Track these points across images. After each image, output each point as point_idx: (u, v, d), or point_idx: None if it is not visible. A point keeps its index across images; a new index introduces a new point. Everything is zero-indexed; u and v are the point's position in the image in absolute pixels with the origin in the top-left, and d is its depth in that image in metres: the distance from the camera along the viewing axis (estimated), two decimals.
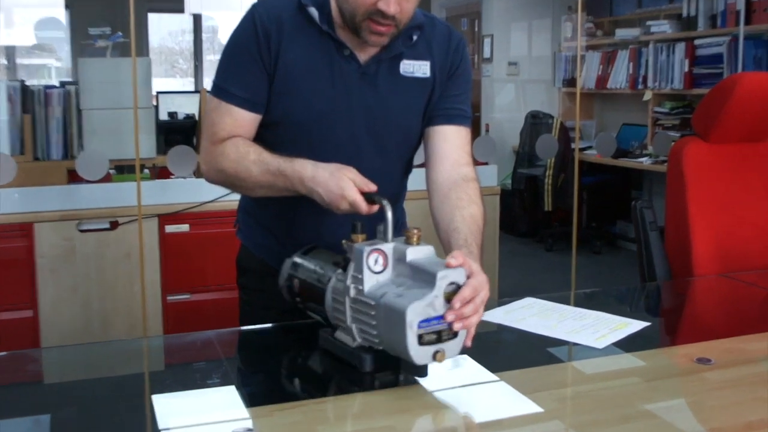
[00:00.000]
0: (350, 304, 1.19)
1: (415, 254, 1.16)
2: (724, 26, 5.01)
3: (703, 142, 2.19)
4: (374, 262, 1.16)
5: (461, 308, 1.11)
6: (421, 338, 1.10)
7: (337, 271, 1.25)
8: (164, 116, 4.52)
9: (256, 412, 1.11)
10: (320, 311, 1.29)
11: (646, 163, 5.37)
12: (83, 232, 2.85)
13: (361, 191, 1.26)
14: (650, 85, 5.55)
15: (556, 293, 1.70)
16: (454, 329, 1.12)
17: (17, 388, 1.26)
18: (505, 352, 1.46)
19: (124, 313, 2.94)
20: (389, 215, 1.21)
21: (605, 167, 5.79)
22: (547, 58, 6.64)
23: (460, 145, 1.48)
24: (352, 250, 1.20)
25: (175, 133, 4.04)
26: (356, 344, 1.21)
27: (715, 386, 1.22)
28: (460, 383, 1.22)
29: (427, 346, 1.11)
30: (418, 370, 1.16)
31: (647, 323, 1.51)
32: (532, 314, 1.55)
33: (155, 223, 2.97)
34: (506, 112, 6.72)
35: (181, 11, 5.04)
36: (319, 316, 1.31)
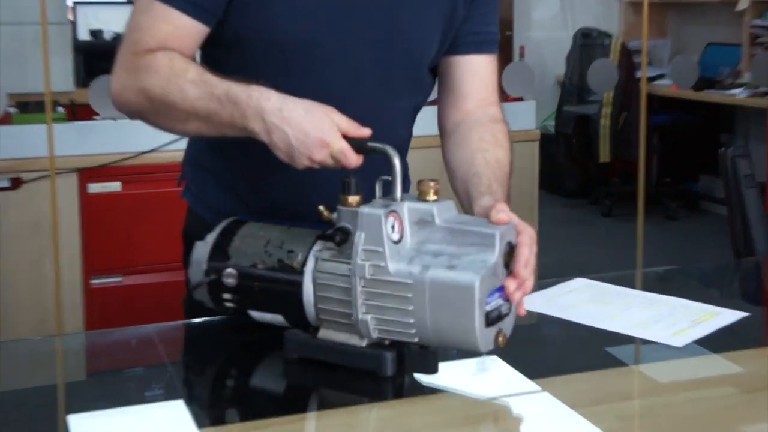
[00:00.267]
0: (364, 288, 1.19)
1: (442, 213, 1.20)
2: None
3: None
4: (391, 228, 1.18)
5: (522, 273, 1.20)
6: (487, 317, 1.15)
7: (314, 249, 1.23)
8: (84, 35, 4.49)
9: None
10: (284, 310, 1.27)
11: (740, 96, 5.36)
12: None
13: (345, 136, 1.25)
14: None
15: (616, 272, 1.71)
16: (514, 299, 1.20)
17: None
18: (548, 352, 1.46)
19: (29, 302, 2.94)
20: (397, 163, 1.21)
21: (683, 103, 5.77)
22: None
23: (489, 79, 1.53)
24: (354, 216, 1.19)
25: (99, 58, 3.99)
26: (366, 342, 1.22)
27: None
28: (487, 394, 1.22)
29: (490, 327, 1.16)
30: (427, 365, 1.19)
31: (744, 314, 1.50)
32: (583, 301, 1.55)
33: (74, 180, 2.95)
34: (547, 29, 6.68)
35: None
36: (275, 319, 1.29)
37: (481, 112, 1.50)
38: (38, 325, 2.93)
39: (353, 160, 1.25)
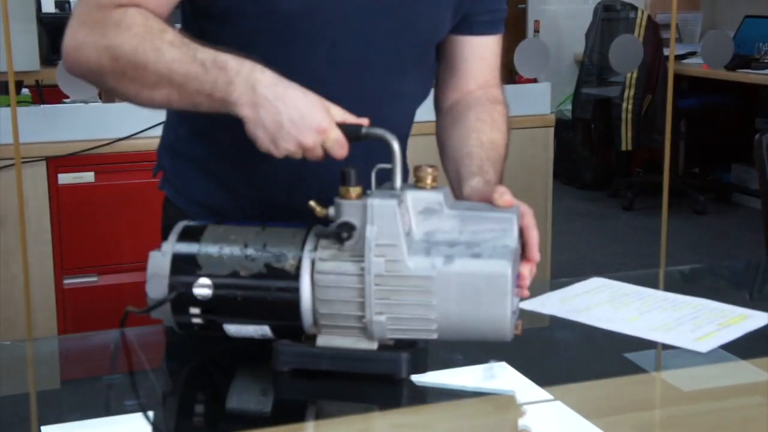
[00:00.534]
0: (378, 287, 1.20)
1: (447, 200, 1.24)
2: None
3: None
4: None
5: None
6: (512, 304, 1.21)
7: (306, 248, 1.22)
8: (49, 7, 4.47)
9: None
10: (273, 320, 1.24)
11: None
12: None
13: (340, 124, 1.25)
14: None
15: (637, 271, 1.71)
16: (526, 284, 1.28)
17: None
18: (560, 357, 1.46)
19: None
20: (396, 150, 1.23)
21: (716, 84, 5.75)
22: None
23: (493, 60, 1.58)
24: (360, 209, 1.19)
25: None
26: (376, 345, 1.23)
27: None
28: (495, 402, 1.23)
29: (513, 314, 1.21)
30: (417, 364, 1.24)
31: None
32: (601, 302, 1.56)
33: (42, 170, 2.95)
34: (565, 2, 6.67)
35: None
36: (257, 332, 1.26)
37: (481, 92, 1.54)
38: (6, 328, 2.92)
39: (344, 153, 1.25)
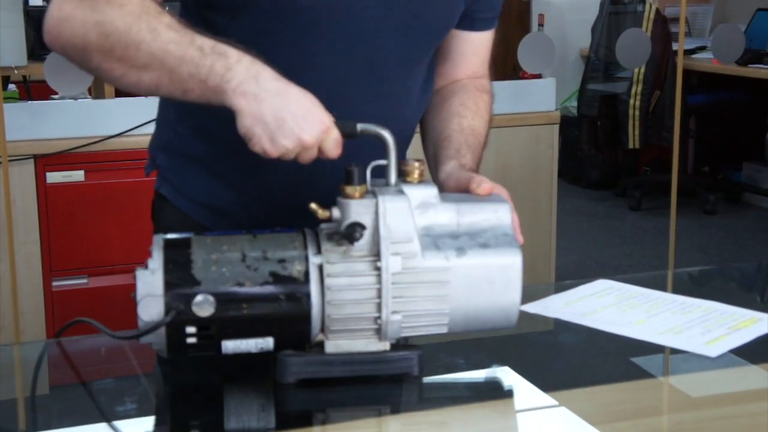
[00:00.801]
0: (394, 284, 1.21)
1: (442, 194, 1.28)
2: None
3: None
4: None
5: None
6: None
7: (309, 252, 1.22)
8: (37, 0, 4.47)
9: None
10: (278, 330, 1.23)
11: None
12: None
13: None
14: None
15: (645, 273, 1.71)
16: None
17: None
18: (565, 362, 1.47)
19: None
20: (392, 147, 1.25)
21: (726, 80, 5.76)
22: None
23: (486, 54, 1.65)
24: (370, 207, 1.20)
25: None
26: (389, 345, 1.25)
27: None
28: (498, 408, 1.23)
29: None
30: (409, 365, 1.25)
31: None
32: (607, 305, 1.56)
33: (30, 168, 2.96)
34: None
35: None
36: (258, 345, 1.24)
37: (469, 80, 1.61)
38: None
39: (339, 153, 1.27)
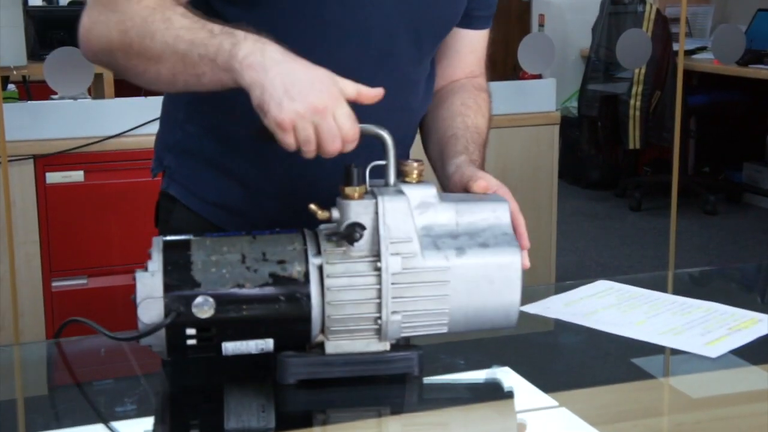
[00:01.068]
0: (394, 285, 1.22)
1: (439, 193, 1.29)
2: None
3: None
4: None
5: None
6: None
7: (309, 253, 1.22)
8: (37, 0, 4.48)
9: None
10: (278, 332, 1.24)
11: None
12: None
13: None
14: None
15: (645, 274, 1.71)
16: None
17: None
18: (565, 363, 1.47)
19: None
20: (391, 147, 1.26)
21: (726, 80, 5.76)
22: None
23: (482, 53, 1.68)
24: (370, 208, 1.21)
25: (55, 27, 4.00)
26: (389, 346, 1.25)
27: None
28: (498, 409, 1.23)
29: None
30: (410, 364, 1.25)
31: None
32: (607, 305, 1.56)
33: (29, 168, 2.96)
34: None
35: None
36: (259, 346, 1.25)
37: (467, 80, 1.64)
38: None
39: (355, 130, 1.22)
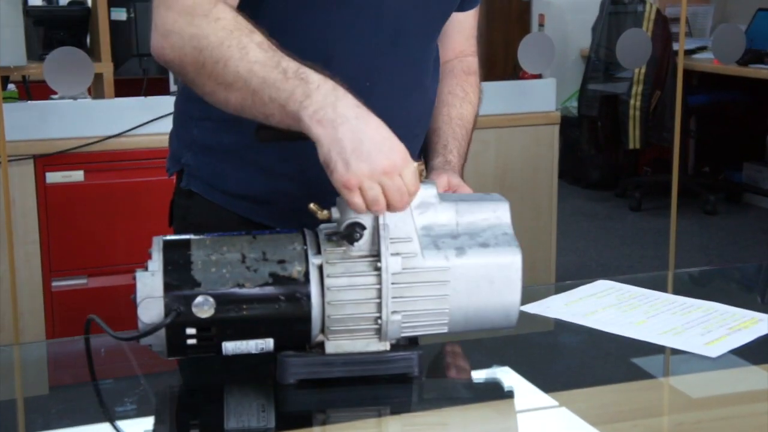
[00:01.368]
0: (394, 284, 1.22)
1: (441, 194, 1.31)
2: None
3: None
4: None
5: None
6: None
7: (309, 252, 1.23)
8: (36, 0, 4.48)
9: None
10: (278, 331, 1.25)
11: None
12: None
13: None
14: None
15: (645, 274, 1.71)
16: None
17: None
18: (565, 362, 1.47)
19: None
20: None
21: (726, 80, 5.75)
22: None
23: (472, 32, 1.72)
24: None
25: (55, 27, 4.00)
26: (389, 346, 1.26)
27: None
28: (498, 409, 1.23)
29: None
30: (410, 365, 1.26)
31: None
32: (607, 305, 1.56)
33: (29, 168, 2.95)
34: None
35: None
36: (259, 346, 1.25)
37: (457, 61, 1.68)
38: None
39: (415, 189, 1.24)
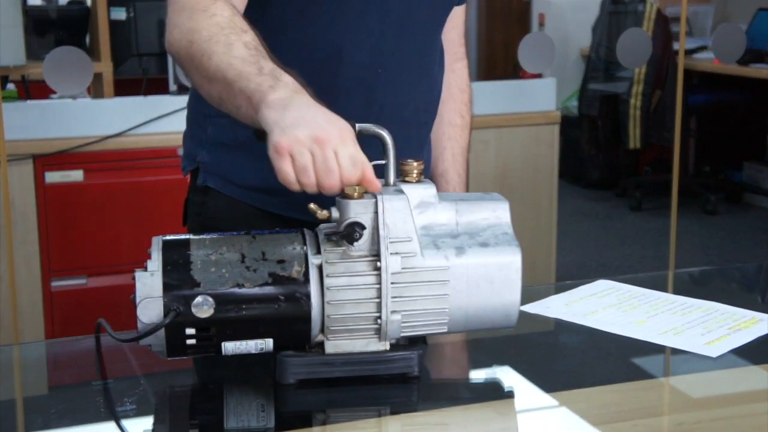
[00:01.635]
0: (394, 284, 1.22)
1: (440, 193, 1.30)
2: None
3: None
4: None
5: None
6: None
7: (309, 252, 1.23)
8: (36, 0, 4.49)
9: None
10: (278, 332, 1.24)
11: None
12: None
13: None
14: None
15: (645, 273, 1.71)
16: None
17: None
18: (566, 362, 1.47)
19: None
20: (391, 147, 1.26)
21: (727, 80, 5.75)
22: None
23: (462, 26, 1.79)
24: (369, 207, 1.21)
25: (55, 27, 4.00)
26: (389, 345, 1.26)
27: None
28: (498, 408, 1.23)
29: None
30: (409, 364, 1.26)
31: None
32: (607, 305, 1.57)
33: (29, 168, 2.96)
34: None
35: None
36: (258, 346, 1.25)
37: (452, 75, 1.76)
38: None
39: (356, 174, 1.21)
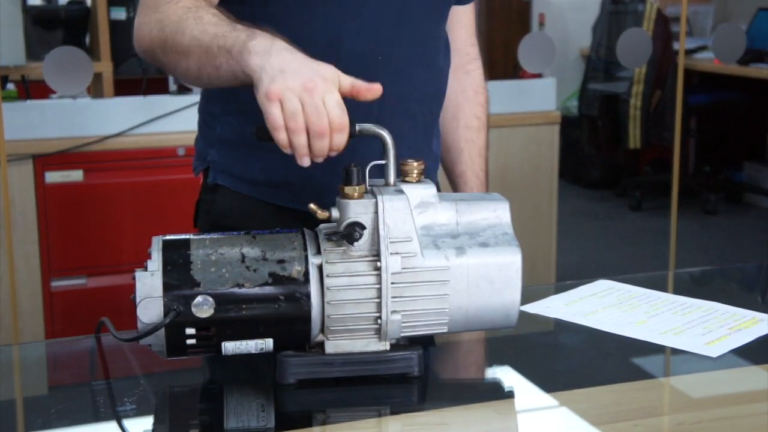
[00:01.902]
0: (394, 284, 1.23)
1: (440, 193, 1.31)
2: None
3: None
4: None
5: None
6: None
7: (309, 252, 1.23)
8: None
9: None
10: (278, 332, 1.25)
11: None
12: None
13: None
14: None
15: (645, 273, 1.71)
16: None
17: None
18: (566, 362, 1.47)
19: None
20: (391, 146, 1.26)
21: (727, 80, 5.75)
22: None
23: (472, 24, 1.79)
24: (369, 207, 1.22)
25: (54, 26, 4.00)
26: (389, 345, 1.26)
27: None
28: (498, 408, 1.23)
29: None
30: (410, 364, 1.26)
31: None
32: (608, 305, 1.57)
33: (28, 168, 2.96)
34: None
35: None
36: (258, 346, 1.25)
37: (465, 75, 1.76)
38: None
39: (344, 119, 1.22)
